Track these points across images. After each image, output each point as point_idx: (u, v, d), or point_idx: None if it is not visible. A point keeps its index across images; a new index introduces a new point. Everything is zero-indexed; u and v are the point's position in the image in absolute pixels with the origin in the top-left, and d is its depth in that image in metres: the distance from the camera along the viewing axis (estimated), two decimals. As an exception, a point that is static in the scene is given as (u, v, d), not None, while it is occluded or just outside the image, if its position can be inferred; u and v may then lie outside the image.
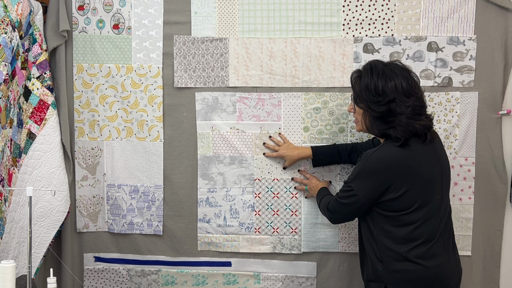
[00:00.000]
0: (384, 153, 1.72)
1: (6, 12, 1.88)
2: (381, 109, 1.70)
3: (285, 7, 2.24)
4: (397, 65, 1.77)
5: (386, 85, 1.70)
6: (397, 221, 1.72)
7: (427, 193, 1.72)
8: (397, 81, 1.70)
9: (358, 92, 1.79)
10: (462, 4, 2.18)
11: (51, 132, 2.19)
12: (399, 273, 1.72)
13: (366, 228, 1.82)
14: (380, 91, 1.70)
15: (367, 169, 1.73)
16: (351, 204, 1.79)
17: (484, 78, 2.20)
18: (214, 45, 2.27)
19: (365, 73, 1.77)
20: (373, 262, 1.79)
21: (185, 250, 2.36)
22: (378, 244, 1.76)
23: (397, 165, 1.70)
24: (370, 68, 1.77)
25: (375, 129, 1.78)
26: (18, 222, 2.07)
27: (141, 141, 2.33)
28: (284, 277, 2.34)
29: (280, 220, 2.31)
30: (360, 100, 1.78)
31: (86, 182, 2.37)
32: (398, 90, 1.69)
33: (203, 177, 2.32)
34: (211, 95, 2.29)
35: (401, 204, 1.71)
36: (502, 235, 2.24)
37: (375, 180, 1.72)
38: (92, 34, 2.29)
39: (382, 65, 1.77)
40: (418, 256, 1.70)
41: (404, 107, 1.68)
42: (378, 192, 1.72)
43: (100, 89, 2.32)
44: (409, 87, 1.71)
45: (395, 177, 1.70)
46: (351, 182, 1.78)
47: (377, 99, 1.71)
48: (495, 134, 2.21)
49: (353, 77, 1.84)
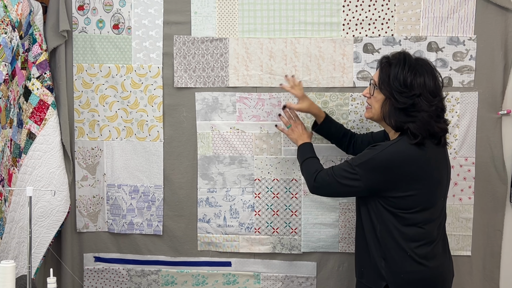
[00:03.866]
0: (400, 149, 1.67)
1: (6, 12, 1.88)
2: (404, 101, 1.67)
3: (285, 7, 2.24)
4: (428, 62, 1.74)
5: (414, 79, 1.67)
6: (403, 219, 1.69)
7: (434, 195, 1.70)
8: (426, 78, 1.68)
9: (384, 78, 1.73)
10: (462, 4, 2.18)
11: (51, 132, 2.19)
12: (403, 274, 1.69)
13: (369, 223, 1.77)
14: (408, 84, 1.67)
15: (379, 161, 1.68)
16: (349, 186, 1.74)
17: (484, 78, 2.20)
18: (214, 45, 2.27)
19: (397, 62, 1.72)
20: (374, 259, 1.76)
21: (185, 250, 2.36)
22: (381, 241, 1.73)
23: (411, 164, 1.66)
24: (403, 58, 1.73)
25: (393, 120, 1.72)
26: (18, 222, 2.07)
27: (141, 141, 2.33)
28: (284, 277, 2.34)
29: (280, 220, 2.31)
30: (385, 87, 1.73)
31: (86, 182, 2.37)
32: (426, 87, 1.67)
33: (203, 177, 2.32)
34: (211, 95, 2.29)
35: (407, 203, 1.68)
36: (502, 235, 2.24)
37: (384, 174, 1.68)
38: (92, 34, 2.29)
39: (414, 58, 1.74)
40: (423, 256, 1.68)
41: (428, 105, 1.66)
42: (383, 186, 1.69)
43: (100, 89, 2.32)
44: (435, 87, 1.69)
45: (406, 176, 1.66)
46: (357, 166, 1.72)
47: (403, 90, 1.67)
48: (495, 134, 2.21)
49: (383, 62, 1.77)
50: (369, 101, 1.84)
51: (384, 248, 1.73)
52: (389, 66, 1.74)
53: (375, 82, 1.78)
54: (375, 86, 1.78)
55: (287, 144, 2.28)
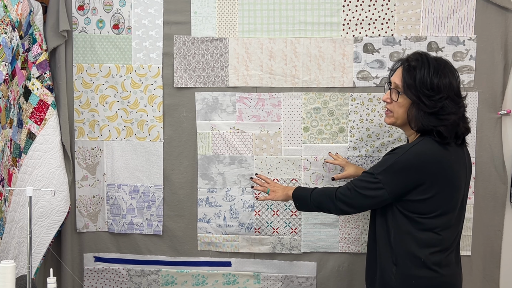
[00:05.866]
0: (425, 149, 1.62)
1: (6, 12, 1.88)
2: (433, 105, 1.61)
3: (285, 7, 2.24)
4: (448, 62, 1.69)
5: (441, 82, 1.62)
6: (419, 224, 1.63)
7: (452, 200, 1.65)
8: (451, 79, 1.63)
9: (410, 83, 1.65)
10: (462, 4, 2.18)
11: (51, 132, 2.19)
12: (414, 280, 1.63)
13: (384, 227, 1.71)
14: (435, 87, 1.61)
15: (402, 163, 1.62)
16: (373, 197, 1.67)
17: (484, 78, 2.20)
18: (214, 45, 2.27)
19: (421, 65, 1.65)
20: (385, 264, 1.70)
21: (185, 250, 2.36)
22: (395, 246, 1.67)
23: (435, 164, 1.60)
24: (426, 60, 1.67)
25: (422, 124, 1.64)
26: (18, 222, 2.07)
27: (141, 141, 2.33)
28: (284, 277, 2.34)
29: (280, 220, 2.31)
30: (411, 91, 1.65)
31: (86, 182, 2.37)
32: (452, 88, 1.63)
33: (203, 177, 2.32)
34: (211, 95, 2.29)
35: (426, 207, 1.62)
36: (502, 235, 2.24)
37: (408, 176, 1.61)
38: (92, 34, 2.29)
39: (433, 59, 1.68)
40: (436, 263, 1.63)
41: (457, 107, 1.62)
42: (407, 189, 1.63)
43: (100, 89, 2.32)
44: (459, 87, 1.66)
45: (429, 177, 1.60)
46: (378, 174, 1.65)
47: (431, 94, 1.62)
48: (495, 134, 2.21)
49: (405, 65, 1.70)
50: (390, 107, 1.75)
51: (397, 253, 1.67)
52: (413, 69, 1.67)
53: (398, 86, 1.70)
54: (398, 91, 1.70)
55: (287, 144, 2.28)
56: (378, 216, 1.75)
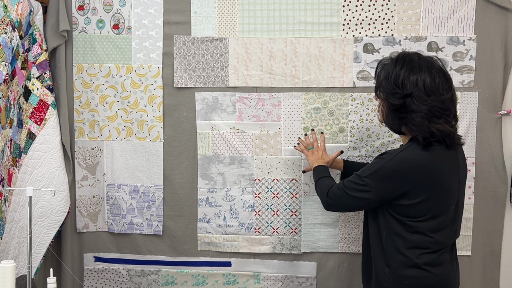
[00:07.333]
0: (409, 156, 1.62)
1: (6, 12, 1.88)
2: (396, 102, 1.62)
3: (285, 7, 2.24)
4: (430, 61, 1.65)
5: (407, 78, 1.60)
6: (410, 227, 1.64)
7: (444, 203, 1.64)
8: (420, 77, 1.59)
9: (378, 81, 1.72)
10: (462, 4, 2.18)
11: (51, 132, 2.19)
12: (407, 280, 1.64)
13: (376, 229, 1.73)
14: (399, 83, 1.61)
15: (388, 169, 1.63)
16: (360, 198, 1.69)
17: (484, 78, 2.20)
18: (214, 45, 2.27)
19: (391, 62, 1.68)
20: (378, 266, 1.72)
21: (185, 250, 2.36)
22: (386, 248, 1.68)
23: (420, 170, 1.60)
24: (396, 58, 1.68)
25: (389, 123, 1.70)
26: (18, 222, 2.07)
27: (141, 141, 2.33)
28: (284, 277, 2.34)
29: (280, 220, 2.31)
30: (379, 89, 1.70)
31: (86, 182, 2.37)
32: (419, 86, 1.59)
33: (203, 177, 2.32)
34: (211, 95, 2.29)
35: (416, 211, 1.62)
36: (502, 235, 2.24)
37: (393, 182, 1.62)
38: (92, 34, 2.29)
39: (416, 57, 1.66)
40: (427, 263, 1.63)
41: (420, 105, 1.58)
42: (393, 195, 1.64)
43: (100, 89, 2.32)
44: (433, 85, 1.59)
45: (415, 184, 1.61)
46: (366, 177, 1.67)
47: (395, 91, 1.62)
48: (495, 134, 2.21)
49: (378, 65, 1.74)
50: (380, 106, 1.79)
51: (389, 254, 1.68)
52: (382, 67, 1.71)
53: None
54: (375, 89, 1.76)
55: (287, 144, 2.28)
56: (370, 219, 1.77)
